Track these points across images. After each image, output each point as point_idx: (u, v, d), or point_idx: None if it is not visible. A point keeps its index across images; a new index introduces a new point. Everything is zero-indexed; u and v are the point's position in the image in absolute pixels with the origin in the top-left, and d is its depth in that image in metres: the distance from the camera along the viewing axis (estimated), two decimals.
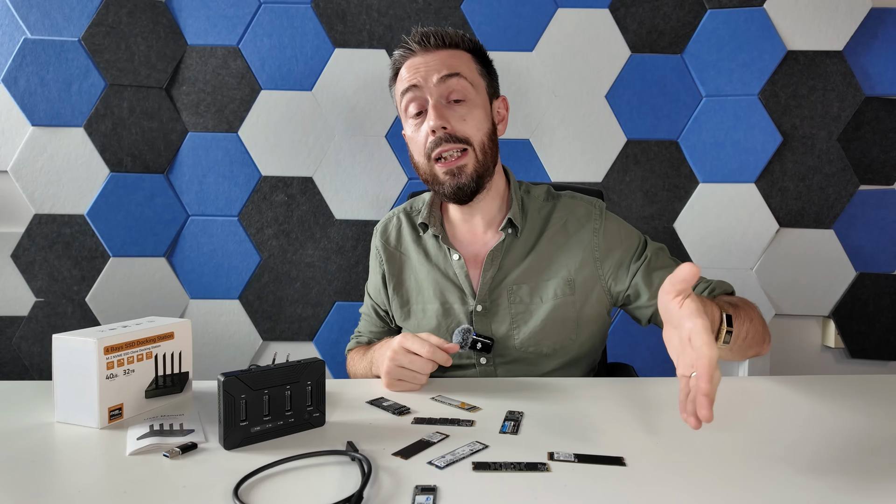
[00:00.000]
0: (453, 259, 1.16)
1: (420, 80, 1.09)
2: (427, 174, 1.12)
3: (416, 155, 1.13)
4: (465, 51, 1.13)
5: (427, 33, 1.11)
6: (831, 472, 0.67)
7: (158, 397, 0.88)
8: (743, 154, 1.77)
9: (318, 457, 0.70)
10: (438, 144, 1.08)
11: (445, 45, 1.11)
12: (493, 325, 1.13)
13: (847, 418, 0.83)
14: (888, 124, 1.77)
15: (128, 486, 0.63)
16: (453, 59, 1.11)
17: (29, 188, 1.73)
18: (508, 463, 0.68)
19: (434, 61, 1.10)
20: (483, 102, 1.12)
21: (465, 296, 1.14)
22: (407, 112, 1.12)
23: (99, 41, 1.71)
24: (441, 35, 1.11)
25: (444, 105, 1.09)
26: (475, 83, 1.12)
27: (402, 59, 1.13)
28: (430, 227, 1.17)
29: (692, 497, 0.61)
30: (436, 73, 1.09)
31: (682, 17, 1.77)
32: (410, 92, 1.10)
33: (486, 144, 1.11)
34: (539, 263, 1.14)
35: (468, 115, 1.09)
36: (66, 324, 1.75)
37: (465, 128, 1.08)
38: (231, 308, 1.81)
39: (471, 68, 1.12)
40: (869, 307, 1.80)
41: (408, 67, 1.12)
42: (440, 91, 1.09)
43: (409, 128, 1.14)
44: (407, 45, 1.13)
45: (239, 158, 1.78)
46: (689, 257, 1.80)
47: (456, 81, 1.09)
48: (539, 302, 1.12)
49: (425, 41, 1.11)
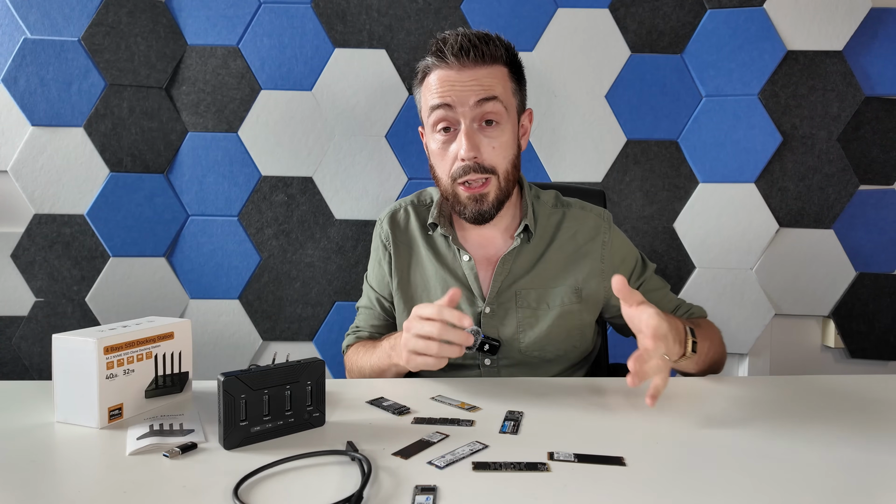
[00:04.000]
0: (463, 260, 1.15)
1: (454, 99, 1.04)
2: (448, 193, 1.11)
3: (440, 171, 1.10)
4: (504, 64, 1.07)
5: (467, 46, 1.03)
6: (831, 472, 0.67)
7: (158, 397, 0.88)
8: (743, 154, 1.77)
9: (318, 457, 0.70)
10: (466, 172, 1.05)
11: (485, 60, 1.04)
12: (500, 328, 1.13)
13: (847, 418, 0.83)
14: (888, 124, 1.77)
15: (128, 486, 0.63)
16: (491, 79, 1.05)
17: (29, 188, 1.73)
18: (508, 463, 0.68)
19: (471, 81, 1.03)
20: (513, 125, 1.09)
21: (474, 297, 1.14)
22: (435, 127, 1.08)
23: (99, 41, 1.71)
24: (481, 50, 1.04)
25: (476, 130, 1.05)
26: (508, 105, 1.07)
27: (434, 67, 1.07)
28: (441, 227, 1.16)
29: (692, 497, 0.61)
30: (473, 95, 1.03)
31: (682, 17, 1.77)
32: (442, 110, 1.05)
33: (509, 172, 1.09)
34: (548, 271, 1.14)
35: (498, 141, 1.06)
36: (66, 324, 1.75)
37: (493, 156, 1.06)
38: (231, 308, 1.81)
39: (506, 87, 1.07)
40: (869, 307, 1.80)
41: (441, 80, 1.05)
42: (474, 114, 1.04)
43: (434, 142, 1.09)
44: (442, 55, 1.05)
45: (239, 158, 1.78)
46: (689, 257, 1.80)
47: (492, 105, 1.04)
48: (546, 308, 1.13)
49: (464, 55, 1.03)
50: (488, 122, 1.05)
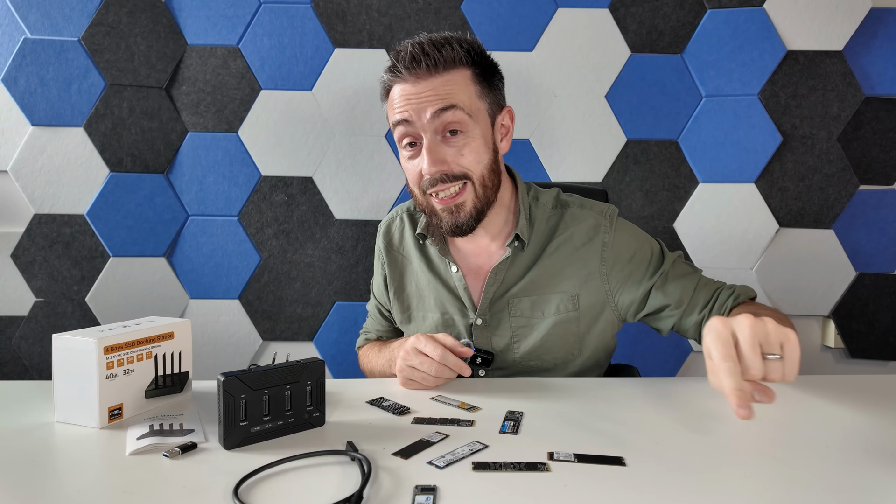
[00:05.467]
0: (452, 272, 1.13)
1: (412, 114, 0.99)
2: (424, 206, 1.06)
3: (412, 185, 1.06)
4: (464, 66, 1.01)
5: (418, 56, 0.98)
6: (831, 472, 0.67)
7: (158, 397, 0.88)
8: (743, 154, 1.77)
9: (318, 457, 0.70)
10: (434, 184, 1.01)
11: (438, 67, 0.98)
12: (493, 339, 1.11)
13: (847, 418, 0.83)
14: (888, 124, 1.76)
15: (128, 486, 0.63)
16: (448, 86, 0.98)
17: (29, 188, 1.73)
18: (508, 463, 0.68)
19: (427, 92, 0.98)
20: (483, 130, 1.02)
21: (465, 308, 1.12)
22: (401, 143, 1.04)
23: (99, 41, 1.71)
24: (434, 57, 0.98)
25: (439, 142, 1.00)
26: (473, 111, 1.01)
27: (392, 82, 1.02)
28: (429, 236, 1.12)
29: (692, 497, 0.61)
30: (430, 106, 0.98)
31: (682, 17, 1.77)
32: (402, 126, 1.01)
33: (486, 177, 1.03)
34: (542, 277, 1.09)
35: (465, 147, 1.00)
36: (66, 324, 1.75)
37: (462, 162, 1.00)
38: (231, 308, 1.80)
39: (469, 93, 1.00)
40: (869, 307, 1.80)
41: (399, 95, 1.01)
42: (434, 127, 0.99)
43: (402, 157, 1.07)
44: (395, 69, 1.00)
45: (239, 158, 1.78)
46: (689, 257, 1.80)
47: (451, 114, 0.98)
48: (541, 316, 1.09)
49: (415, 66, 0.98)
50: (452, 132, 1.00)
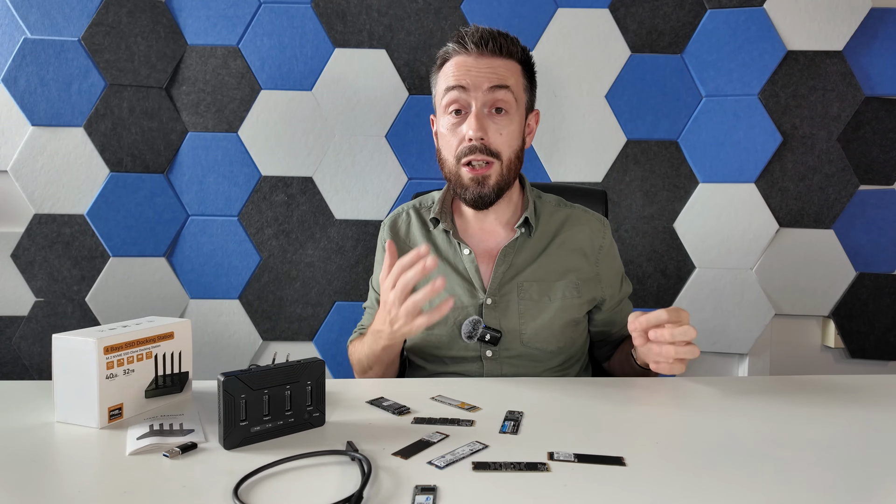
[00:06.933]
0: (464, 254, 1.18)
1: (469, 82, 1.09)
2: (452, 174, 1.14)
3: (445, 152, 1.15)
4: (518, 62, 1.13)
5: (487, 37, 1.10)
6: (831, 471, 0.67)
7: (158, 397, 0.88)
8: (743, 154, 1.77)
9: (317, 457, 0.70)
10: (472, 152, 1.10)
11: (502, 53, 1.11)
12: (502, 320, 1.14)
13: (847, 418, 0.83)
14: (888, 124, 1.76)
15: (128, 486, 0.63)
16: (505, 70, 1.11)
17: (29, 188, 1.73)
18: (508, 463, 0.68)
19: (487, 68, 1.10)
20: (520, 118, 1.14)
21: (475, 290, 1.16)
22: (447, 109, 1.13)
23: (99, 41, 1.71)
24: (500, 42, 1.10)
25: (486, 115, 1.10)
26: (519, 98, 1.13)
27: (454, 53, 1.12)
28: (442, 222, 1.19)
29: (692, 497, 0.61)
30: (486, 81, 1.09)
31: (682, 17, 1.77)
32: (455, 91, 1.10)
33: (512, 161, 1.13)
34: (550, 265, 1.17)
35: (506, 129, 1.11)
36: (66, 324, 1.75)
37: (499, 142, 1.10)
38: (231, 308, 1.80)
39: (518, 82, 1.13)
40: (869, 307, 1.80)
41: (457, 65, 1.11)
42: (485, 100, 1.10)
43: (443, 123, 1.14)
44: (463, 42, 1.11)
45: (239, 158, 1.78)
46: (689, 257, 1.80)
47: (503, 94, 1.10)
48: (548, 301, 1.15)
49: (483, 44, 1.10)
50: (498, 109, 1.10)
